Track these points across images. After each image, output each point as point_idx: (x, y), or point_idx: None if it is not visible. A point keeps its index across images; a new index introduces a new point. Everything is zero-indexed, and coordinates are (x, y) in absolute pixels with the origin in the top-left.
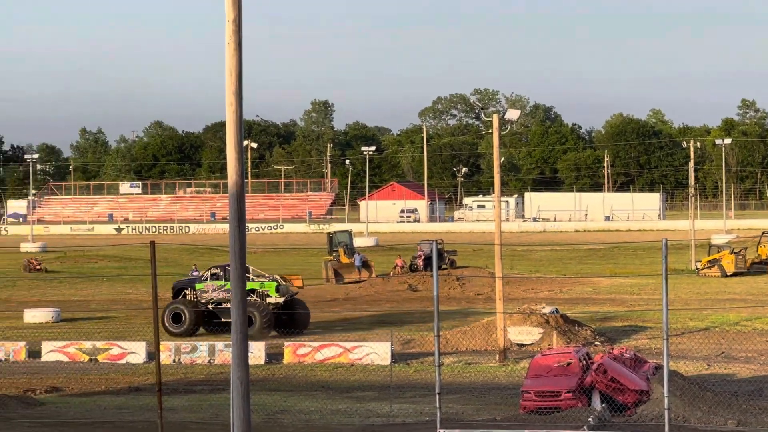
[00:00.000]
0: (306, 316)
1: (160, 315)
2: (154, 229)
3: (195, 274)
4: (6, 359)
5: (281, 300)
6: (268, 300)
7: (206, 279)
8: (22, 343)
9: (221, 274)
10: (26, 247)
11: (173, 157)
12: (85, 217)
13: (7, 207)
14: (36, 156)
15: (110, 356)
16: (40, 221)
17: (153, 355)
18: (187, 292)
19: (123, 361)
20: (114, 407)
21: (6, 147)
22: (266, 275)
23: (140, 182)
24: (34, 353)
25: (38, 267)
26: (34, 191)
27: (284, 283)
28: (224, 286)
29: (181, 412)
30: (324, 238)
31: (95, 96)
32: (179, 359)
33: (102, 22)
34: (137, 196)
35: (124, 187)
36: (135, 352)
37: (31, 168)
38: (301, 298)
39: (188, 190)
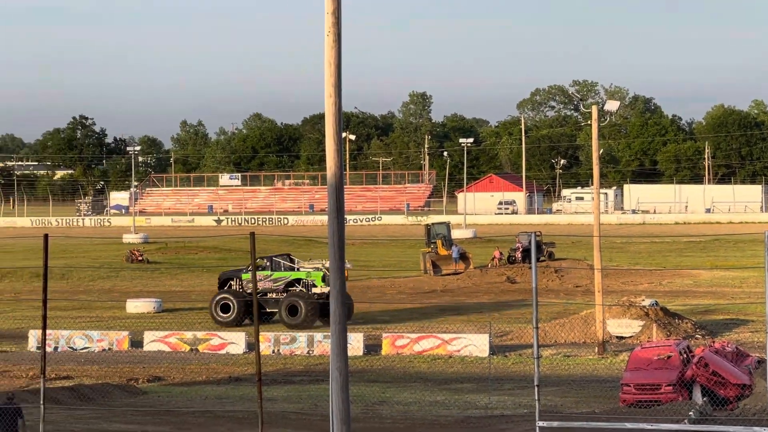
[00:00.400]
0: (349, 306)
1: (209, 305)
2: (253, 221)
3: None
4: (109, 349)
5: (326, 290)
6: (314, 290)
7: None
8: (125, 333)
9: (267, 264)
10: (128, 238)
11: (272, 149)
12: (185, 208)
13: (110, 199)
14: (138, 148)
15: (210, 346)
16: (141, 213)
17: (253, 345)
18: (232, 282)
19: (223, 352)
20: (214, 397)
21: (109, 139)
22: (311, 265)
23: (239, 174)
24: (136, 343)
25: (140, 258)
26: (136, 183)
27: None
28: (270, 276)
29: (280, 403)
30: (422, 229)
31: (196, 89)
32: (278, 350)
33: (202, 15)
34: (237, 188)
35: (224, 179)
36: (235, 342)
37: (133, 160)
38: (400, 288)
39: (287, 181)
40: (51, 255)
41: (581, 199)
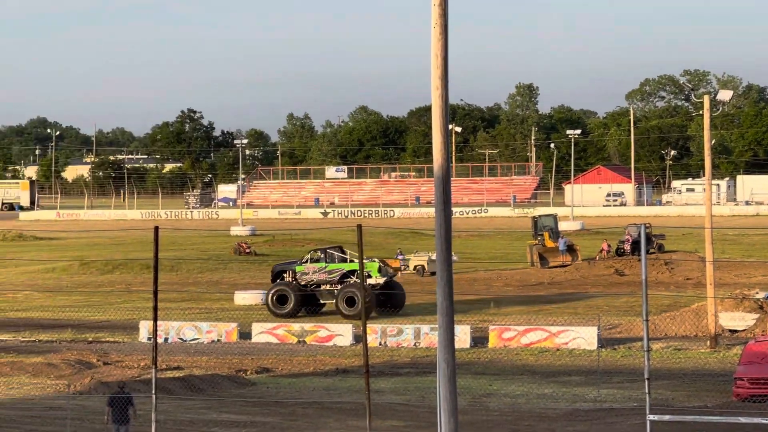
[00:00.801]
0: (402, 297)
1: (266, 297)
2: (359, 213)
3: (400, 257)
4: (218, 340)
5: (381, 281)
6: (369, 281)
7: (306, 262)
8: (234, 325)
9: (322, 256)
10: (236, 230)
11: (378, 141)
12: (292, 201)
13: (218, 191)
14: (245, 141)
15: (318, 338)
16: (249, 205)
17: (360, 337)
18: (285, 275)
19: (330, 344)
20: (322, 388)
21: (216, 133)
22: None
23: (345, 167)
24: (244, 334)
25: (248, 250)
26: (243, 176)
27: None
28: (325, 268)
29: (387, 394)
30: (528, 222)
31: (302, 82)
32: (385, 342)
33: (309, 8)
34: (343, 181)
35: (330, 171)
36: (342, 334)
37: (240, 153)
38: (507, 281)
39: (393, 174)
40: (160, 247)
41: (692, 190)
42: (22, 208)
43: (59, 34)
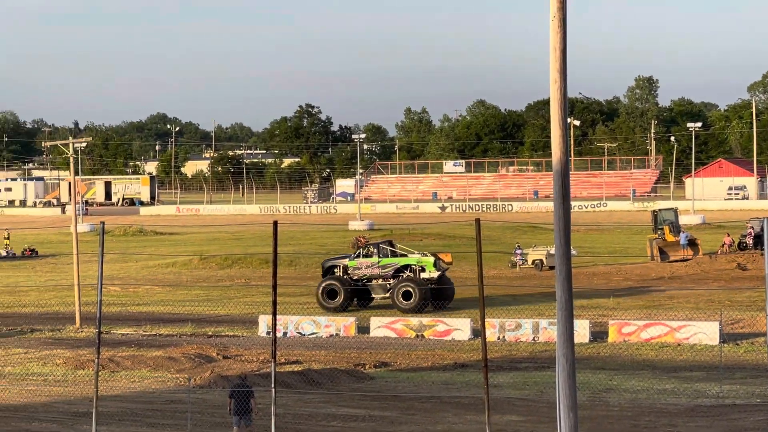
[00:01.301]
0: (452, 290)
1: (316, 291)
2: (477, 207)
3: (518, 252)
4: (336, 334)
5: (436, 275)
6: (422, 275)
7: (358, 256)
8: (352, 319)
9: (374, 251)
10: (354, 225)
11: (496, 135)
12: (410, 195)
13: (336, 186)
14: (363, 136)
15: (436, 332)
16: (367, 200)
17: (478, 332)
18: (336, 270)
19: (448, 338)
20: (440, 383)
21: (334, 127)
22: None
23: (463, 161)
24: (363, 329)
25: (366, 244)
26: (361, 170)
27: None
28: (378, 263)
29: (505, 389)
30: (648, 216)
31: (420, 76)
32: (503, 336)
33: (426, 3)
34: (460, 175)
35: (448, 165)
36: (460, 329)
37: (358, 148)
38: (626, 275)
39: (511, 168)
40: (279, 242)
41: None
42: (142, 204)
43: (179, 30)
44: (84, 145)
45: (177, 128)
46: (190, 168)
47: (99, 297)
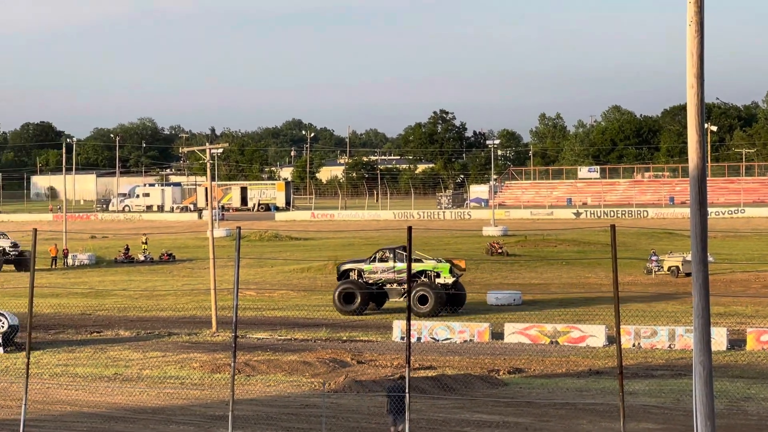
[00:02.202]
0: (463, 296)
1: (333, 294)
2: (612, 213)
3: (653, 258)
4: (471, 340)
5: (451, 281)
6: (438, 281)
7: (373, 261)
8: (486, 325)
9: (390, 256)
10: (488, 231)
11: (631, 141)
12: (544, 201)
13: (470, 192)
14: (497, 142)
15: (570, 339)
16: (501, 206)
17: (613, 338)
18: (351, 273)
19: (583, 344)
20: (574, 389)
21: (468, 133)
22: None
23: (598, 167)
24: (497, 334)
25: (500, 250)
26: (495, 176)
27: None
28: (393, 267)
29: (641, 397)
30: None
31: (554, 81)
32: (639, 343)
33: (561, 6)
34: (595, 181)
35: (583, 171)
36: (594, 335)
37: (492, 153)
38: (765, 282)
39: (646, 174)
40: (413, 247)
41: None
42: (278, 209)
43: (316, 36)
44: (220, 150)
45: (312, 134)
46: (325, 173)
47: (235, 301)
